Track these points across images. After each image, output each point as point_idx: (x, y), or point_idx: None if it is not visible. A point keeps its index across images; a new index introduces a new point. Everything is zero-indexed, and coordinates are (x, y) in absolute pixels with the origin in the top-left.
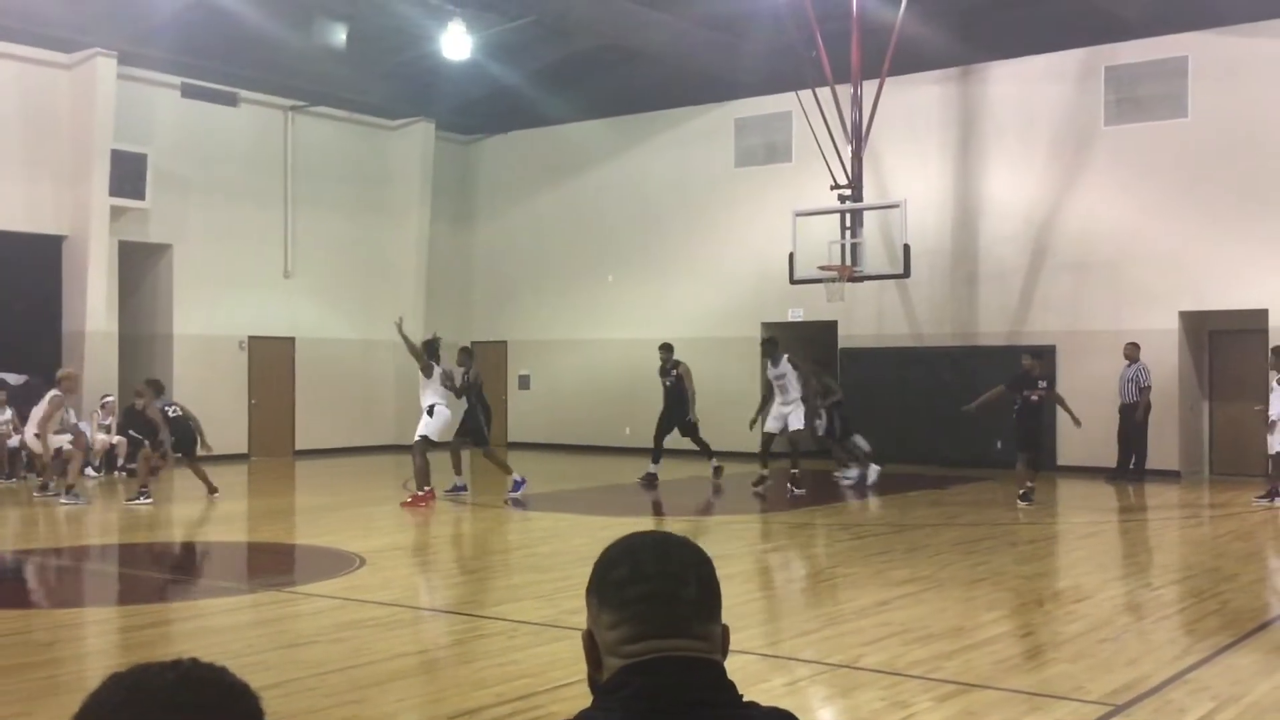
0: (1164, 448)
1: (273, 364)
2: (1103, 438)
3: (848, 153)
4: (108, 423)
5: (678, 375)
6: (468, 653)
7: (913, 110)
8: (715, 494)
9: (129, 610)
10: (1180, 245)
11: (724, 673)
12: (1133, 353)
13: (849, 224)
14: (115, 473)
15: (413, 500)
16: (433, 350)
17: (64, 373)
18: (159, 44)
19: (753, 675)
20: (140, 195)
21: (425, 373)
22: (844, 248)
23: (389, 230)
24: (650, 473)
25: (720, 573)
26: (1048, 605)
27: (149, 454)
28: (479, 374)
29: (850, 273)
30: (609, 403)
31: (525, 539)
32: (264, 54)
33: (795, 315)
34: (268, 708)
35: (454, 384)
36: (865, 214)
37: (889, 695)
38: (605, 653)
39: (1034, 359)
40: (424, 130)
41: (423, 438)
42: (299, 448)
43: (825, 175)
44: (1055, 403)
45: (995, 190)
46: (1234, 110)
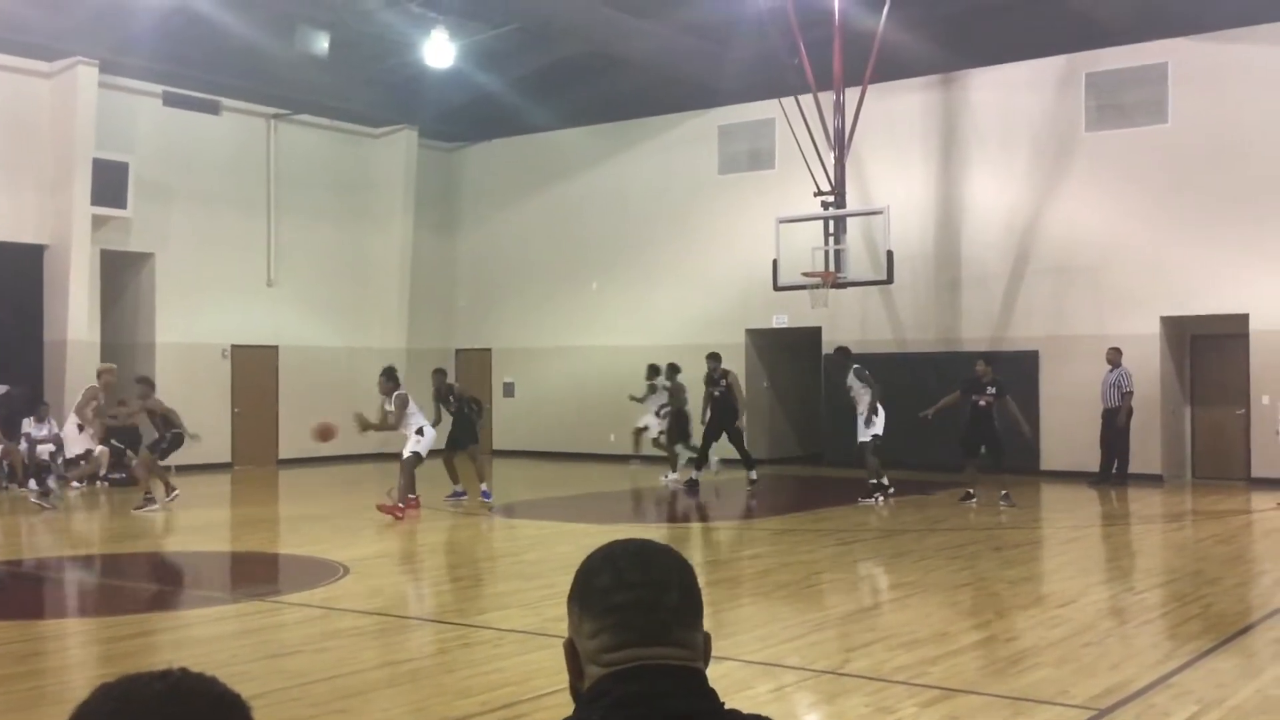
0: (1146, 452)
1: (256, 373)
2: (1085, 442)
3: (831, 159)
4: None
5: (727, 384)
6: (452, 661)
7: (895, 117)
8: (753, 499)
9: (111, 621)
10: (1161, 251)
11: (705, 680)
12: (1115, 358)
13: (832, 230)
14: (98, 483)
15: (390, 508)
16: (392, 376)
17: (103, 367)
18: (140, 52)
19: (738, 681)
20: (122, 204)
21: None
22: (827, 254)
23: (372, 238)
24: (693, 479)
25: (705, 579)
26: (1031, 610)
27: (148, 458)
28: (460, 386)
29: (834, 279)
30: (593, 410)
31: (510, 547)
32: (246, 62)
33: (780, 321)
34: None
35: (448, 407)
36: (848, 220)
37: (874, 701)
38: (587, 661)
39: (986, 364)
40: (407, 138)
41: (414, 454)
42: (282, 457)
43: (808, 182)
44: (1005, 409)
45: (977, 196)
46: (1214, 116)
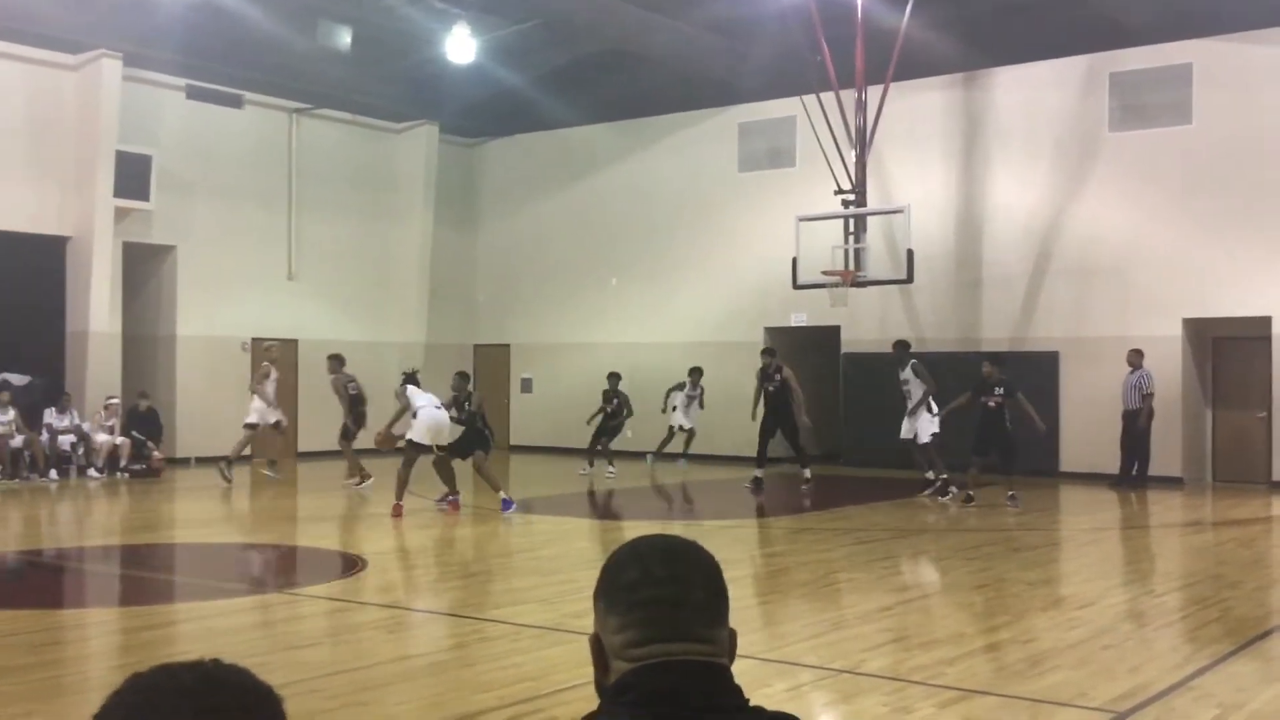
0: (1167, 454)
1: (276, 366)
2: (1106, 444)
3: (851, 158)
4: (110, 424)
5: (782, 379)
6: (470, 655)
7: (917, 115)
8: (805, 499)
9: (130, 611)
10: (1184, 252)
11: (731, 676)
12: (1136, 359)
13: (852, 229)
14: (118, 474)
15: (396, 510)
16: (413, 379)
17: (271, 343)
18: (164, 46)
19: (755, 680)
20: (145, 196)
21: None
22: (847, 253)
23: (393, 233)
24: (757, 477)
25: (724, 577)
26: (1050, 612)
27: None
28: (480, 399)
29: (853, 278)
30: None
31: (527, 542)
32: (269, 56)
33: (798, 320)
34: None
35: (460, 411)
36: (869, 219)
37: (891, 701)
38: (612, 656)
39: (993, 365)
40: (428, 133)
41: (410, 443)
42: (302, 450)
43: (829, 180)
44: (1017, 408)
45: (999, 196)
46: (1238, 117)
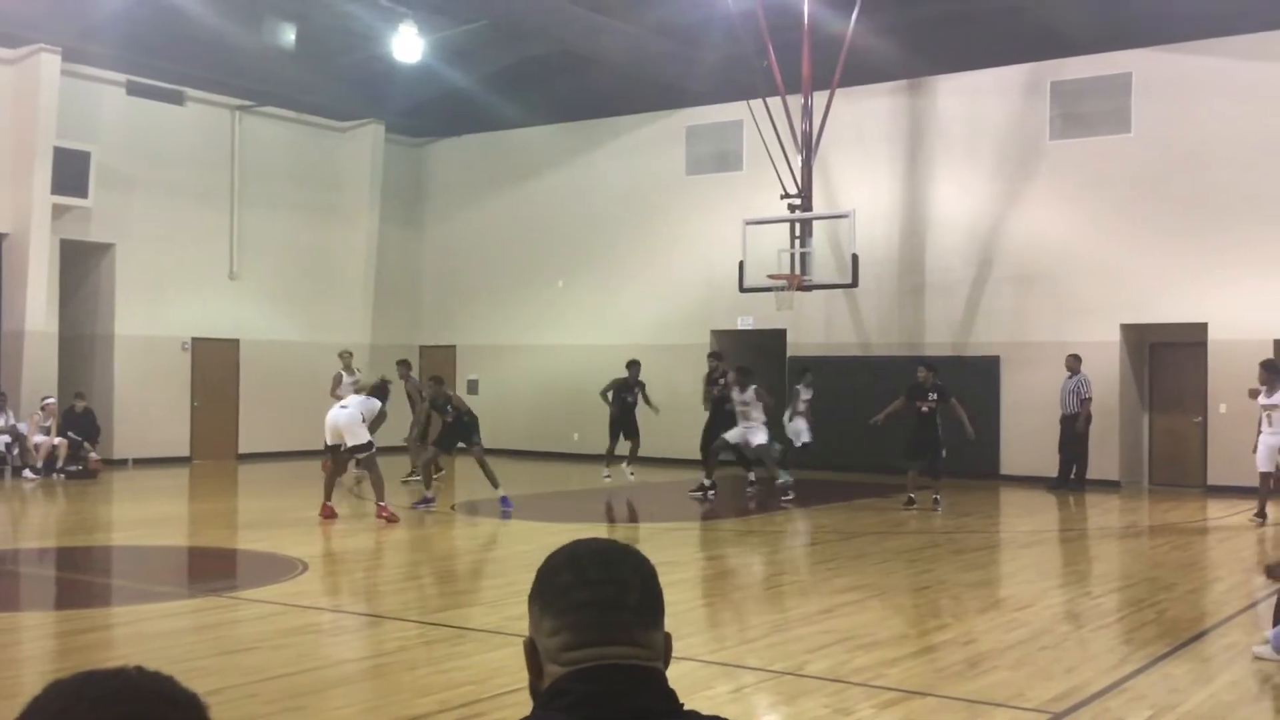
0: (1104, 458)
1: (216, 366)
2: (1045, 448)
3: (798, 162)
4: (48, 425)
5: (727, 383)
6: (411, 659)
7: (862, 121)
8: (752, 501)
9: (64, 615)
10: (1122, 259)
11: (665, 681)
12: (1074, 364)
13: (798, 233)
14: (54, 475)
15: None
16: (381, 391)
17: (344, 351)
18: (104, 40)
19: (698, 682)
20: (83, 193)
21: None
22: (793, 257)
23: (337, 232)
24: (704, 485)
25: (666, 580)
26: (989, 613)
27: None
28: (457, 396)
29: (799, 282)
30: (558, 409)
31: (472, 545)
32: (212, 53)
33: (745, 323)
34: None
35: (444, 415)
36: (814, 224)
37: (832, 702)
38: (547, 659)
39: (928, 370)
40: (374, 132)
41: (369, 443)
42: (242, 451)
43: (775, 184)
44: (950, 413)
45: (942, 202)
46: (1176, 127)
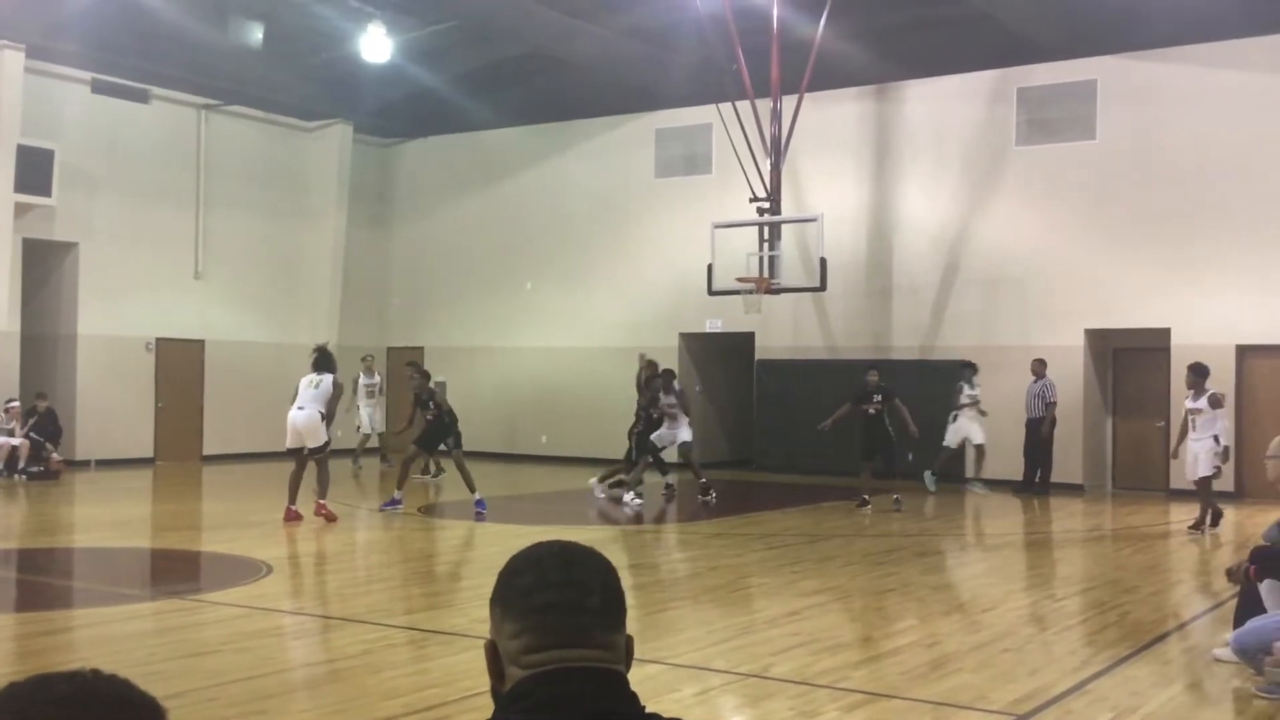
0: (1069, 462)
1: (181, 367)
2: (1010, 451)
3: (766, 166)
4: (10, 426)
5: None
6: (376, 662)
7: (830, 126)
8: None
9: (25, 618)
10: (1087, 264)
11: (627, 683)
12: (1039, 368)
13: (767, 237)
14: (15, 475)
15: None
16: (325, 363)
17: (365, 355)
18: (69, 38)
19: (664, 685)
20: (46, 192)
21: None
22: (762, 260)
23: (304, 233)
24: (669, 484)
25: (634, 582)
26: (954, 615)
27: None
28: (432, 391)
29: (767, 285)
30: (526, 411)
31: (438, 547)
32: (178, 51)
33: (713, 326)
34: None
35: (425, 410)
36: (783, 227)
37: (798, 705)
38: (508, 662)
39: (876, 373)
40: (341, 132)
41: (327, 444)
42: (207, 453)
43: (744, 188)
44: (895, 414)
45: (909, 207)
46: (1140, 133)
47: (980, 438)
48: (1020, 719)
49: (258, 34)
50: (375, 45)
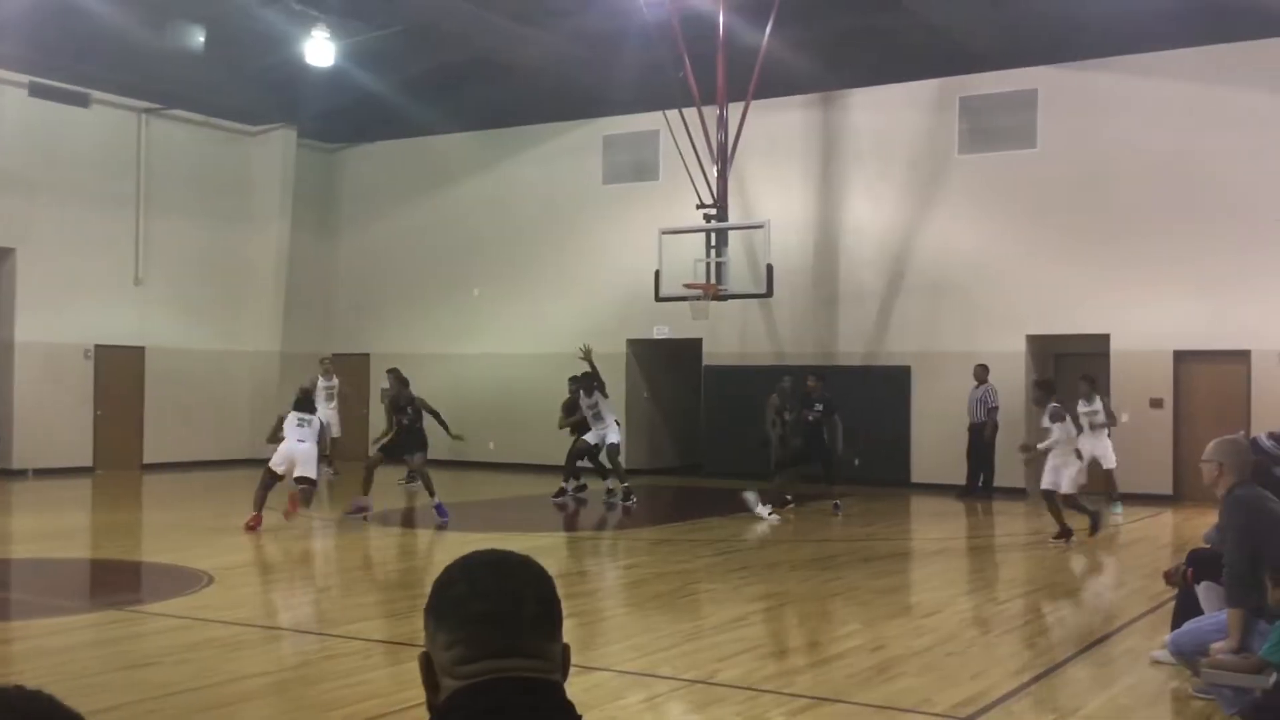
0: (1011, 466)
1: (120, 374)
2: (954, 456)
3: (713, 173)
4: None
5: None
6: (318, 673)
7: (776, 133)
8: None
9: None
10: (1028, 271)
11: (563, 693)
12: (981, 374)
13: (714, 243)
14: None
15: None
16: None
17: (323, 358)
18: (5, 40)
19: (611, 691)
20: None
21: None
22: (709, 266)
23: (248, 238)
24: (563, 488)
25: (580, 588)
26: (898, 619)
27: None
28: (421, 399)
29: (715, 291)
30: (474, 418)
31: (382, 555)
32: (118, 54)
33: (661, 332)
34: None
35: (403, 416)
36: (730, 234)
37: (744, 710)
38: (441, 674)
39: (817, 381)
40: (285, 137)
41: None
42: (147, 461)
43: (691, 194)
44: (831, 426)
45: (855, 214)
46: (1080, 142)
47: (1111, 460)
48: None
49: (199, 37)
50: (319, 49)
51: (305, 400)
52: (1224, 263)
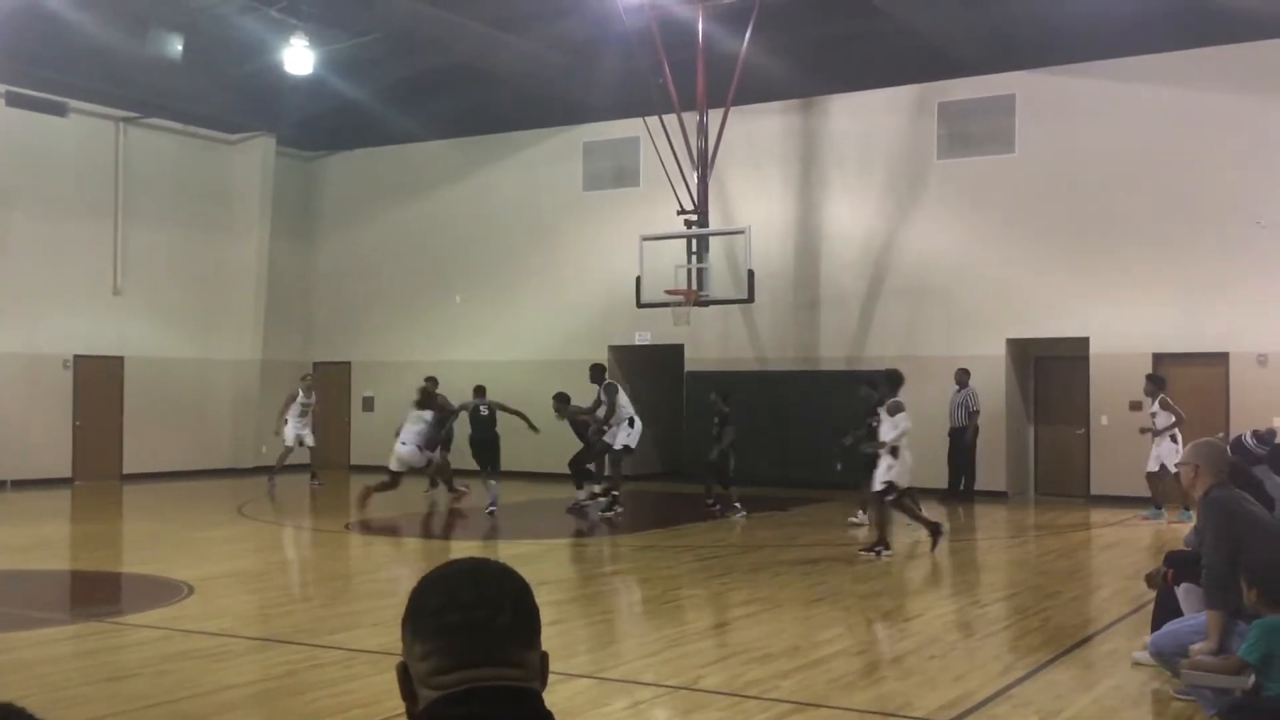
0: (992, 469)
1: (99, 384)
2: (935, 460)
3: (694, 179)
4: None
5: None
6: (300, 683)
7: (756, 139)
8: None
9: None
10: (1008, 275)
11: (541, 701)
12: (962, 378)
13: (695, 249)
14: None
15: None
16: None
17: (305, 374)
18: None
19: (594, 699)
20: None
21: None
22: (690, 272)
23: (227, 247)
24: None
25: (562, 596)
26: (881, 623)
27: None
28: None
29: (696, 297)
30: (455, 426)
31: (365, 564)
32: (96, 63)
33: (642, 339)
34: None
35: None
36: (711, 239)
37: (727, 715)
38: (419, 684)
39: (718, 395)
40: (264, 145)
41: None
42: (127, 471)
43: (672, 200)
44: (721, 433)
45: (835, 219)
46: (1058, 147)
47: (1152, 464)
48: None
49: (178, 45)
50: (298, 57)
51: (425, 400)
52: (1201, 266)
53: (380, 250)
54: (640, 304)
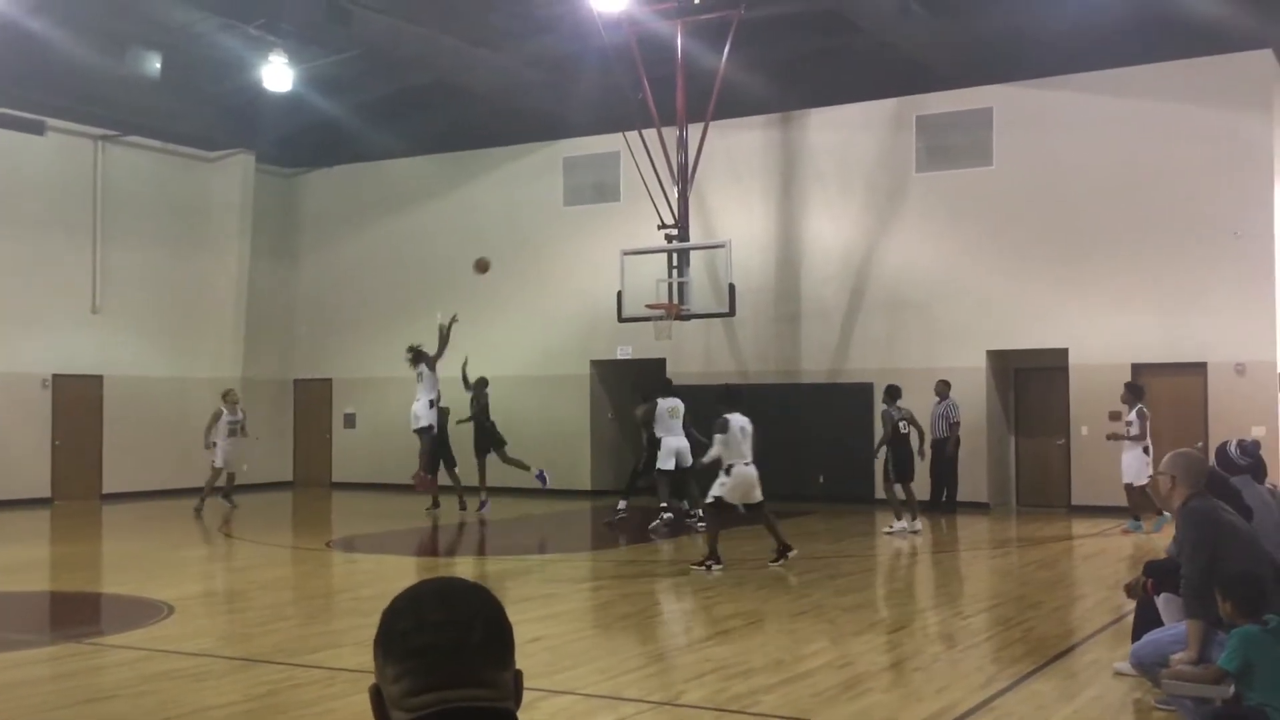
0: (974, 481)
1: (78, 403)
2: (917, 472)
3: (674, 193)
4: None
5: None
6: (282, 703)
7: (736, 153)
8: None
9: None
10: (987, 287)
11: None
12: (943, 390)
13: (676, 263)
14: None
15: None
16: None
17: (228, 390)
18: None
19: (578, 715)
20: None
21: None
22: (671, 286)
23: (207, 264)
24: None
25: (544, 612)
26: (864, 636)
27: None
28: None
29: (677, 311)
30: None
31: (347, 582)
32: (74, 81)
33: (624, 353)
34: None
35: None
36: (692, 254)
37: None
38: (391, 707)
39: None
40: (243, 162)
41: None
42: (106, 491)
43: (653, 215)
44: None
45: (815, 232)
46: (1035, 159)
47: (1126, 475)
48: None
49: (156, 64)
50: (277, 75)
51: (416, 357)
52: (1179, 276)
53: (361, 266)
54: (622, 318)
